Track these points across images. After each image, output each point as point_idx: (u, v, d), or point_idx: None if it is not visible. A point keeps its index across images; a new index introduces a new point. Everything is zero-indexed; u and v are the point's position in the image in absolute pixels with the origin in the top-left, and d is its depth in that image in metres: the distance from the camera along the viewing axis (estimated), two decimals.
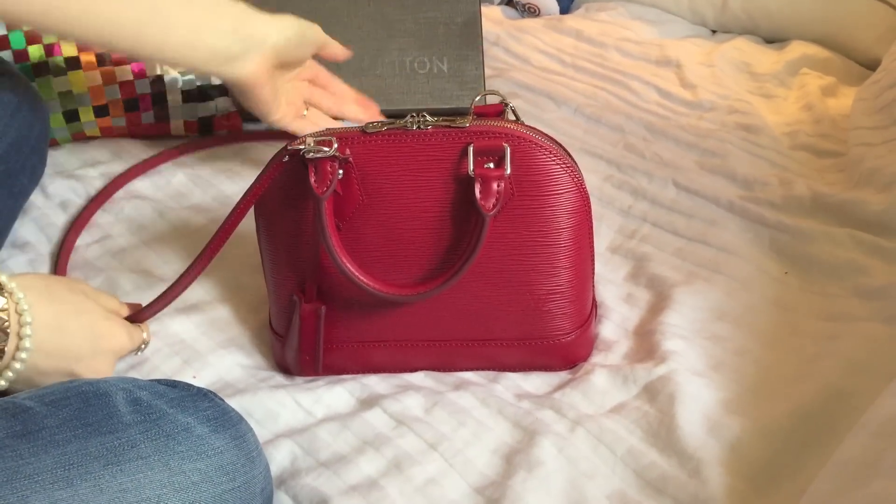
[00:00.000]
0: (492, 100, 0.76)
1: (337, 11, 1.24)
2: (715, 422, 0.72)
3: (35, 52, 1.09)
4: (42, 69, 1.09)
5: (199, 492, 0.56)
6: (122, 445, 0.55)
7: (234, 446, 0.59)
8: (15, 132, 0.88)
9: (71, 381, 0.60)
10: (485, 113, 0.74)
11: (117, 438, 0.55)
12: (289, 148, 0.71)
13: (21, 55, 1.08)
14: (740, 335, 0.83)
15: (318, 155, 0.69)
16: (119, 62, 1.12)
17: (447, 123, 0.70)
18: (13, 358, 0.65)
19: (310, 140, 0.69)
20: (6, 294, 0.65)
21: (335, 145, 0.69)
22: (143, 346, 0.78)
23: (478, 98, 0.75)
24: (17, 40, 1.08)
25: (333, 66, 1.24)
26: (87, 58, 1.11)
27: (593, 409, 0.75)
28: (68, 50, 1.10)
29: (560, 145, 0.73)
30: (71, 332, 0.69)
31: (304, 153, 0.69)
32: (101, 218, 1.02)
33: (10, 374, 0.65)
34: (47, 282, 0.70)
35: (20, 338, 0.64)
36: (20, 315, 0.64)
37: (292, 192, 0.72)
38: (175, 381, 0.64)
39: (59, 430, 0.54)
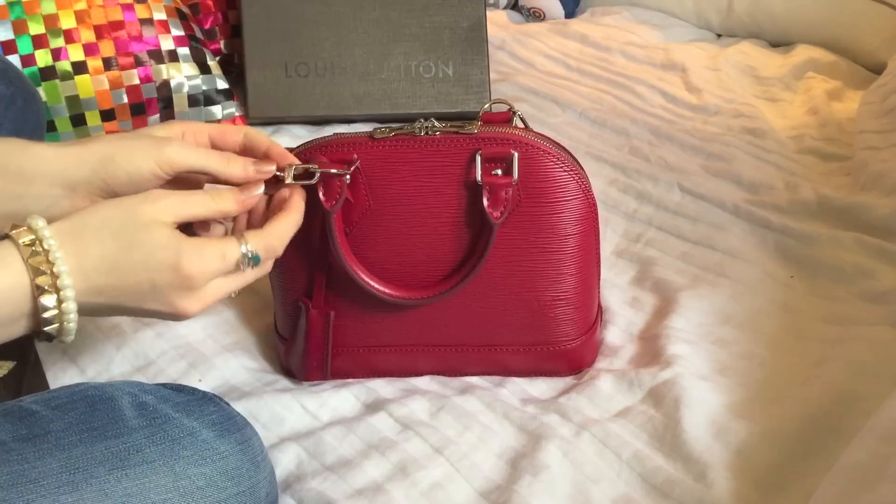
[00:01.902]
0: (499, 108, 0.76)
1: (343, 16, 1.25)
2: (720, 426, 0.71)
3: (42, 56, 1.09)
4: (49, 74, 1.09)
5: (204, 496, 0.56)
6: (128, 450, 0.55)
7: (240, 451, 0.59)
8: (10, 125, 0.87)
9: (77, 384, 0.59)
10: (492, 120, 0.74)
11: (123, 443, 0.55)
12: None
13: (28, 60, 1.09)
14: (746, 339, 0.83)
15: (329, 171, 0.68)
16: (126, 67, 1.13)
17: (455, 129, 0.71)
18: (60, 312, 0.54)
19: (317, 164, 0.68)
20: (36, 244, 0.54)
21: (353, 167, 0.69)
22: (248, 256, 0.60)
23: (486, 106, 0.75)
24: (25, 45, 1.09)
25: (340, 71, 1.24)
26: (94, 63, 1.11)
27: (599, 413, 0.75)
28: (75, 55, 1.10)
29: (568, 152, 0.73)
30: (123, 273, 0.56)
31: (309, 170, 0.67)
32: None
33: (65, 333, 0.56)
34: (89, 219, 0.56)
35: (58, 290, 0.54)
36: (52, 264, 0.54)
37: None
38: (180, 385, 0.64)
39: (64, 435, 0.54)
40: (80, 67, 1.11)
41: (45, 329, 0.55)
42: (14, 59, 1.08)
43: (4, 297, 0.53)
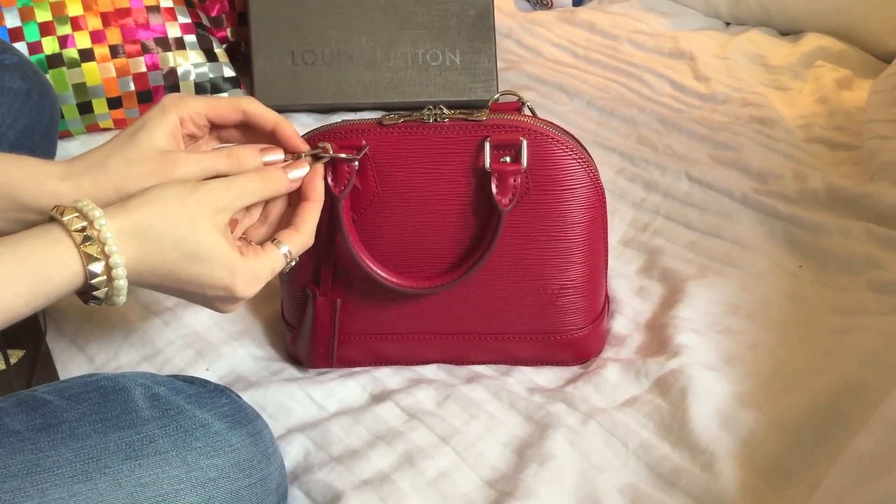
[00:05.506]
0: (506, 99, 0.76)
1: (349, 4, 1.24)
2: (728, 415, 0.71)
3: (49, 44, 1.09)
4: (56, 61, 1.09)
5: (216, 488, 0.57)
6: (141, 440, 0.55)
7: (251, 443, 0.60)
8: (26, 119, 0.88)
9: (90, 375, 0.60)
10: (501, 109, 0.74)
11: (136, 433, 0.56)
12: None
13: (35, 47, 1.09)
14: (754, 329, 0.83)
15: (339, 155, 0.69)
16: (133, 54, 1.13)
17: (464, 116, 0.70)
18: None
19: (328, 145, 0.69)
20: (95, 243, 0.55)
21: (363, 153, 0.69)
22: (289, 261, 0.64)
23: (496, 96, 0.75)
24: (32, 32, 1.09)
25: (347, 59, 1.24)
26: (101, 50, 1.11)
27: (605, 402, 0.75)
28: (82, 42, 1.10)
29: (576, 140, 0.73)
30: (178, 282, 0.60)
31: (319, 155, 0.68)
32: None
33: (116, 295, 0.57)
34: (151, 220, 0.57)
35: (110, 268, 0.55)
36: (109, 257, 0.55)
37: None
38: (192, 377, 0.64)
39: (78, 425, 0.55)
40: (87, 55, 1.11)
41: (93, 301, 0.57)
42: (21, 47, 1.08)
43: (56, 285, 0.54)
